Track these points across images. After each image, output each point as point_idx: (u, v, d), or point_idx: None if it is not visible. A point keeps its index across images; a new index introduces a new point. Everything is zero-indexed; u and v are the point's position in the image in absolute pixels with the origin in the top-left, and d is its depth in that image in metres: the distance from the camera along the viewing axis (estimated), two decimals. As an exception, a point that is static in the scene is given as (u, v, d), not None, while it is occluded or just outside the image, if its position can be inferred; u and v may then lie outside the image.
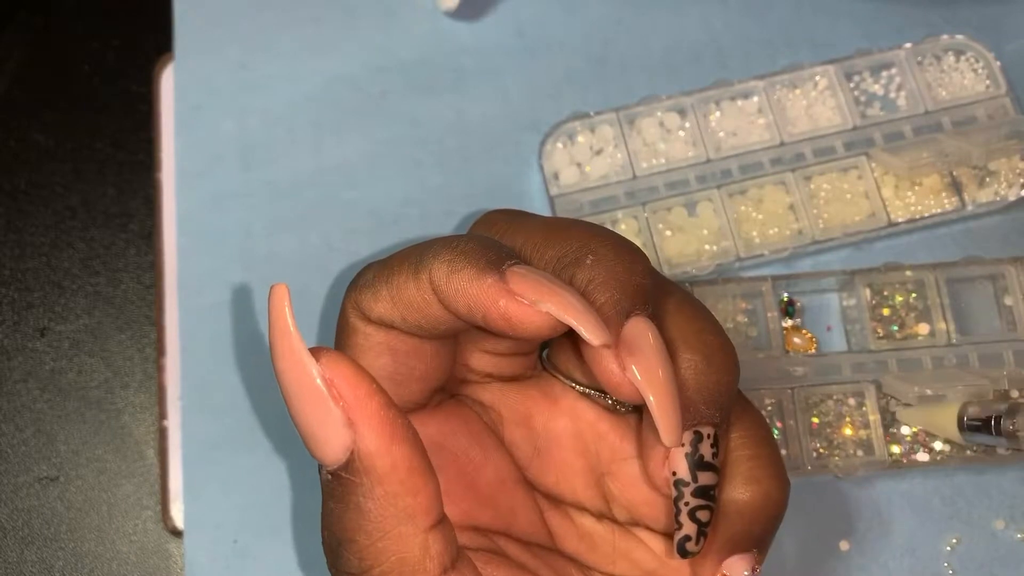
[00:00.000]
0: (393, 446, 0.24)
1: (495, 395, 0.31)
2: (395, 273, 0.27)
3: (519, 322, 0.25)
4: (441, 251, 0.26)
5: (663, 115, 0.41)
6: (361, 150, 0.42)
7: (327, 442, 0.24)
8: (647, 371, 0.26)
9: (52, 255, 0.41)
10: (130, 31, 0.43)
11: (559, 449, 0.31)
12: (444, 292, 0.26)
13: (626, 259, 0.27)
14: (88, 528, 0.39)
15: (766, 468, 0.29)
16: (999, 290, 0.40)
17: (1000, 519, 0.39)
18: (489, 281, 0.25)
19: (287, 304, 0.24)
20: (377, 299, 0.27)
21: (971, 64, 0.42)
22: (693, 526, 0.27)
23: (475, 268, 0.25)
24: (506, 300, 0.25)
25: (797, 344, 0.39)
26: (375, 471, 0.24)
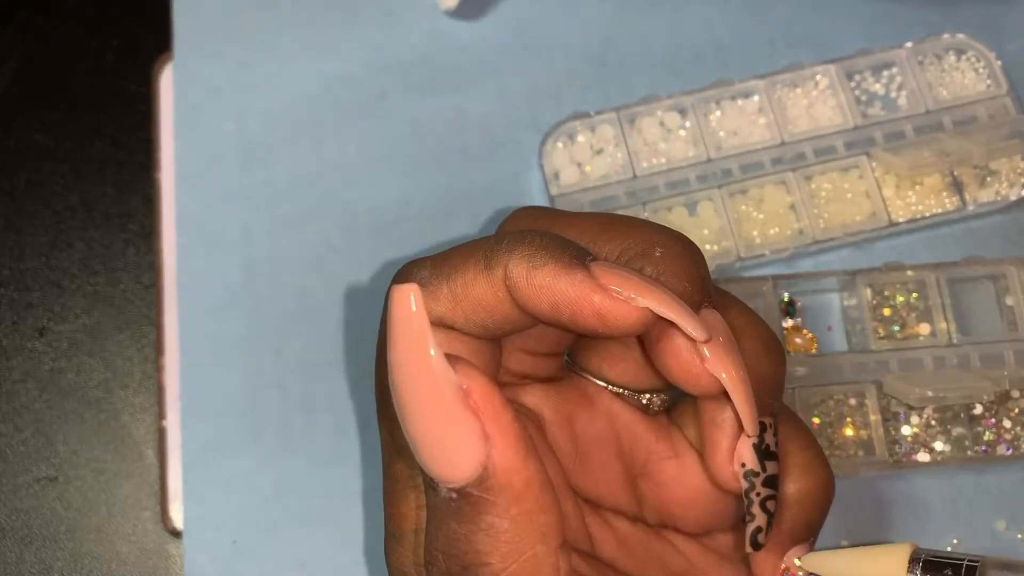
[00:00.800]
0: (528, 461, 0.23)
1: (538, 397, 0.30)
2: (459, 270, 0.25)
3: (614, 319, 0.24)
4: (517, 246, 0.25)
5: (663, 115, 0.41)
6: (361, 150, 0.42)
7: (459, 457, 0.22)
8: (727, 362, 0.25)
9: (51, 255, 0.41)
10: (130, 31, 0.43)
11: (598, 452, 0.30)
12: (524, 289, 0.25)
13: (690, 252, 0.26)
14: (87, 528, 0.39)
15: (818, 456, 0.29)
16: (1000, 290, 0.40)
17: (1001, 519, 0.39)
18: (579, 276, 0.24)
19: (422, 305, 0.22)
20: (437, 298, 0.26)
21: (972, 63, 0.42)
22: (764, 516, 0.27)
23: (559, 263, 0.24)
24: (601, 296, 0.24)
25: (798, 344, 0.39)
26: (512, 488, 0.23)
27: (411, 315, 0.22)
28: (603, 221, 0.28)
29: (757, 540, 0.28)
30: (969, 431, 0.38)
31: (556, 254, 0.25)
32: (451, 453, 0.22)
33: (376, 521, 0.38)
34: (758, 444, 0.27)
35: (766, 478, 0.27)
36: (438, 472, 0.23)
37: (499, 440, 0.22)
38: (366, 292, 0.40)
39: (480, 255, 0.25)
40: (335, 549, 0.38)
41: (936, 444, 0.38)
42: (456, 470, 0.22)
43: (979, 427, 0.38)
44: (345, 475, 0.39)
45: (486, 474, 0.22)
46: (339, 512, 0.38)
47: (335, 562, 0.38)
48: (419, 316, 0.22)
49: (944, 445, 0.38)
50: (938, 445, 0.38)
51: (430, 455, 0.23)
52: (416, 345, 0.22)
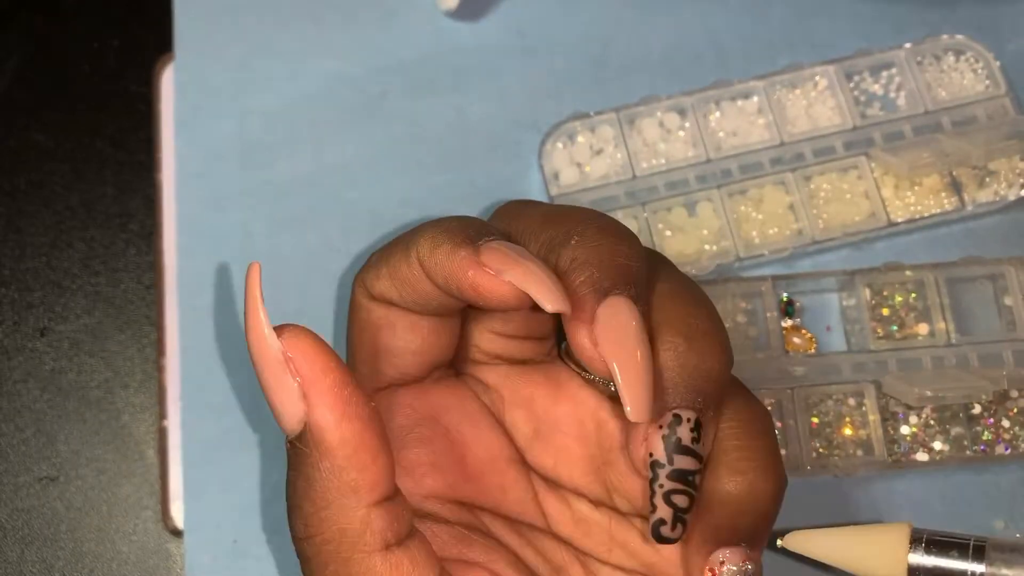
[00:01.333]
0: (344, 422, 0.25)
1: (499, 377, 0.32)
2: (392, 253, 0.29)
3: (486, 291, 0.26)
4: (428, 229, 0.28)
5: (663, 115, 0.41)
6: (361, 150, 0.42)
7: (284, 412, 0.26)
8: (616, 344, 0.26)
9: (52, 255, 0.41)
10: (130, 31, 0.43)
11: (559, 434, 0.32)
12: (427, 266, 0.28)
13: (610, 240, 0.28)
14: (88, 528, 0.39)
15: (754, 460, 0.29)
16: (999, 290, 0.40)
17: (1000, 519, 0.39)
18: (462, 254, 0.27)
19: (259, 282, 0.26)
20: (378, 277, 0.30)
21: (971, 64, 0.42)
22: (668, 510, 0.27)
23: (452, 243, 0.27)
24: (475, 271, 0.26)
25: (797, 344, 0.39)
26: (324, 444, 0.25)
27: (253, 290, 0.26)
28: (546, 213, 0.30)
29: (659, 532, 0.28)
30: (968, 431, 0.38)
31: (452, 235, 0.27)
32: (279, 409, 0.26)
33: (376, 520, 0.38)
34: (668, 436, 0.27)
35: (673, 471, 0.27)
36: (279, 424, 0.26)
37: (314, 400, 0.25)
38: (366, 292, 0.40)
39: (406, 238, 0.29)
40: (335, 548, 0.38)
41: (935, 444, 0.38)
42: (284, 424, 0.26)
43: (978, 427, 0.38)
44: (345, 475, 0.39)
45: (305, 429, 0.25)
46: (339, 512, 0.38)
47: (335, 561, 0.38)
48: (253, 288, 0.26)
49: (943, 445, 0.38)
50: (937, 445, 0.38)
51: (273, 409, 0.26)
52: (251, 313, 0.26)
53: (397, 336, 0.30)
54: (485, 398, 0.33)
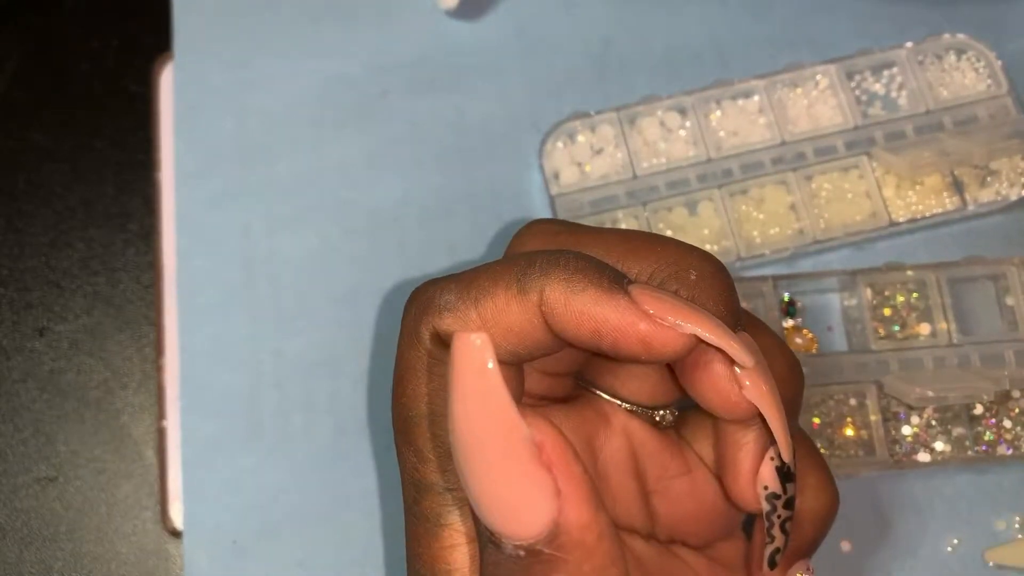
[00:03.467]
0: (599, 514, 0.21)
1: (558, 419, 0.29)
2: (488, 295, 0.25)
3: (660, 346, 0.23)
4: (552, 269, 0.24)
5: (664, 114, 0.41)
6: (361, 150, 0.42)
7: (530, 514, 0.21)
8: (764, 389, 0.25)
9: (51, 255, 0.41)
10: (130, 31, 0.43)
11: (616, 471, 0.29)
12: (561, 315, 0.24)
13: (723, 275, 0.26)
14: (87, 528, 0.39)
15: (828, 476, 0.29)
16: (1000, 290, 0.39)
17: (1001, 520, 0.39)
18: (623, 303, 0.23)
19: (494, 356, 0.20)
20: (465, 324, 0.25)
21: (972, 63, 0.42)
22: (783, 538, 0.27)
23: (599, 288, 0.24)
24: (647, 324, 0.23)
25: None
26: (585, 545, 0.21)
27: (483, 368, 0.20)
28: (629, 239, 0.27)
29: (775, 560, 0.28)
30: (969, 431, 0.38)
31: (595, 278, 0.24)
32: (522, 510, 0.21)
33: (376, 521, 0.38)
34: (780, 467, 0.27)
35: (786, 500, 0.27)
36: (506, 529, 0.21)
37: (572, 496, 0.21)
38: (366, 292, 0.40)
39: (511, 278, 0.24)
40: (335, 549, 0.38)
41: (936, 444, 0.38)
42: (526, 527, 0.21)
43: (979, 427, 0.38)
44: (345, 475, 0.39)
45: (558, 531, 0.21)
46: (339, 512, 0.38)
47: (335, 562, 0.38)
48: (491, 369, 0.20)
49: (944, 445, 0.38)
50: (938, 445, 0.38)
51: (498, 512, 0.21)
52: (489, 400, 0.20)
53: None
54: None
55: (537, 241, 0.28)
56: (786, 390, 0.27)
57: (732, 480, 0.28)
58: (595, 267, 0.24)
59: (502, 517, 0.21)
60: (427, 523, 0.26)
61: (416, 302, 0.26)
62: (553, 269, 0.24)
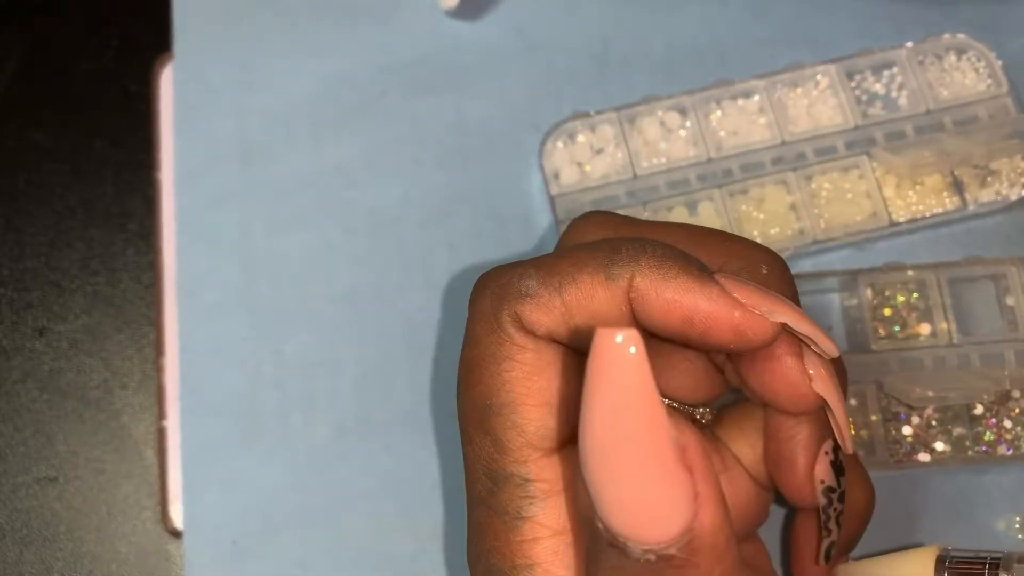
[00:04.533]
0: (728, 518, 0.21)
1: None
2: (574, 281, 0.24)
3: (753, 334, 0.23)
4: (641, 255, 0.24)
5: (664, 114, 0.41)
6: (361, 150, 0.42)
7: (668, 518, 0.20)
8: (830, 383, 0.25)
9: (51, 255, 0.41)
10: (130, 31, 0.43)
11: None
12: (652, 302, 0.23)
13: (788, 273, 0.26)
14: (87, 529, 0.39)
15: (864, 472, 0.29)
16: (1001, 290, 0.39)
17: (1001, 520, 0.39)
18: (715, 291, 0.23)
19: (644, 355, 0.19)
20: (549, 310, 0.24)
21: (972, 63, 0.42)
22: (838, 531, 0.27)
23: (690, 276, 0.23)
24: (741, 312, 0.23)
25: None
26: (717, 549, 0.21)
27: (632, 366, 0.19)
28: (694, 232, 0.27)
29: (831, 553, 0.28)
30: (970, 431, 0.38)
31: (685, 266, 0.24)
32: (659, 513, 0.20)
33: (376, 521, 0.38)
34: (834, 461, 0.27)
35: (840, 493, 0.27)
36: (639, 533, 0.20)
37: (709, 499, 0.20)
38: (366, 292, 0.40)
39: (598, 264, 0.24)
40: (335, 549, 0.38)
41: (936, 444, 0.38)
42: (661, 531, 0.20)
43: (980, 427, 0.38)
44: (345, 475, 0.39)
45: (692, 534, 0.20)
46: (339, 512, 0.38)
47: (335, 562, 0.38)
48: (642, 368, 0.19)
49: (944, 445, 0.38)
50: (938, 445, 0.38)
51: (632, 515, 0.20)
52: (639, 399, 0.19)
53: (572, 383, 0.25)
54: None
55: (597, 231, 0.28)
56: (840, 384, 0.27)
57: (788, 475, 0.28)
58: (683, 255, 0.24)
59: (636, 520, 0.20)
60: (505, 516, 0.26)
61: (491, 287, 0.26)
62: (642, 256, 0.24)
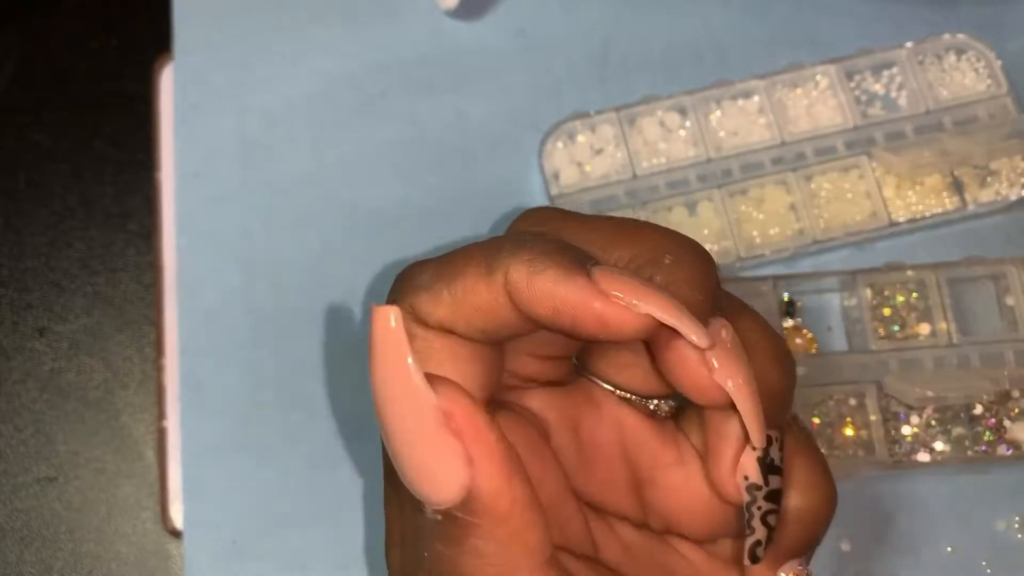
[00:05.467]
0: (513, 482, 0.22)
1: (543, 402, 0.29)
2: (460, 275, 0.25)
3: (616, 324, 0.24)
4: (517, 251, 0.25)
5: (663, 115, 0.41)
6: (361, 150, 0.42)
7: (442, 480, 0.22)
8: (735, 373, 0.25)
9: (51, 255, 0.41)
10: (130, 31, 0.43)
11: (603, 458, 0.30)
12: (524, 294, 0.24)
13: (702, 260, 0.26)
14: (87, 528, 0.39)
15: (823, 473, 0.29)
16: (1001, 290, 0.40)
17: (1001, 520, 0.39)
18: (580, 283, 0.24)
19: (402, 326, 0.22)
20: (438, 303, 0.25)
21: (972, 63, 0.42)
22: (764, 530, 0.27)
23: (560, 268, 0.24)
24: (602, 303, 0.24)
25: (798, 344, 0.39)
26: (497, 510, 0.22)
27: (391, 336, 0.22)
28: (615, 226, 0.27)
29: (756, 554, 0.27)
30: (969, 431, 0.38)
31: (557, 259, 0.24)
32: (434, 476, 0.22)
33: (376, 521, 0.38)
34: (762, 457, 0.27)
35: (768, 492, 0.27)
36: (422, 494, 0.23)
37: (483, 463, 0.22)
38: (366, 292, 0.40)
39: (481, 259, 0.25)
40: (335, 549, 0.38)
41: (936, 444, 0.38)
42: (440, 493, 0.22)
43: (979, 427, 0.38)
44: (345, 475, 0.39)
45: (470, 497, 0.22)
46: (339, 512, 0.38)
47: (335, 562, 0.38)
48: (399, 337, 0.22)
49: (944, 445, 0.38)
50: (938, 445, 0.38)
51: (414, 477, 0.22)
52: (396, 367, 0.22)
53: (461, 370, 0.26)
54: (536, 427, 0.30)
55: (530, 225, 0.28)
56: (769, 380, 0.27)
57: (714, 468, 0.28)
58: (559, 248, 0.25)
59: (419, 482, 0.22)
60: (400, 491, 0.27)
61: (398, 282, 0.27)
62: (519, 250, 0.25)
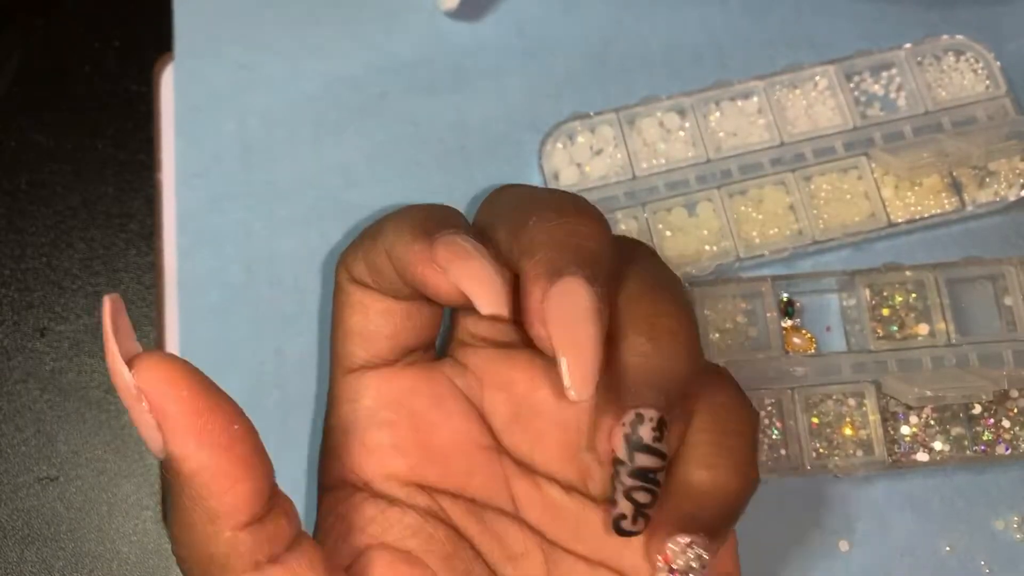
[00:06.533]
0: (200, 451, 0.25)
1: (481, 360, 0.33)
2: (367, 237, 0.30)
3: (433, 288, 0.27)
4: (395, 217, 0.29)
5: (663, 115, 0.41)
6: (361, 150, 0.42)
7: (147, 442, 0.26)
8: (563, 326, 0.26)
9: (52, 255, 0.41)
10: (130, 31, 0.43)
11: (538, 418, 0.32)
12: (391, 256, 0.28)
13: (570, 220, 0.27)
14: (88, 528, 0.39)
15: (723, 456, 0.29)
16: (999, 290, 0.40)
17: (1000, 519, 0.39)
18: (416, 247, 0.27)
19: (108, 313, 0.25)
20: (356, 260, 0.31)
21: (971, 64, 0.42)
22: (629, 506, 0.27)
23: (411, 234, 0.28)
24: (423, 266, 0.27)
25: (797, 344, 0.39)
26: (181, 473, 0.25)
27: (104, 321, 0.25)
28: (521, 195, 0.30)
29: (620, 526, 0.27)
30: (968, 431, 0.38)
31: (412, 226, 0.28)
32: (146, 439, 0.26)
33: (376, 521, 0.38)
34: (630, 434, 0.27)
35: (634, 470, 0.27)
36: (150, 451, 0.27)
37: (167, 431, 0.25)
38: (366, 292, 0.40)
39: (379, 228, 0.29)
40: (335, 549, 0.38)
41: (935, 444, 0.38)
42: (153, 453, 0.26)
43: (978, 427, 0.38)
44: (345, 475, 0.39)
45: (167, 457, 0.25)
46: (339, 512, 0.38)
47: (335, 562, 0.38)
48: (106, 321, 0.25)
49: (943, 445, 0.38)
50: (937, 445, 0.38)
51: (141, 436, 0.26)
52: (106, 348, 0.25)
53: (370, 319, 0.31)
54: (461, 381, 0.33)
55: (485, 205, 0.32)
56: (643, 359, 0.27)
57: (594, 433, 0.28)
58: (423, 217, 0.28)
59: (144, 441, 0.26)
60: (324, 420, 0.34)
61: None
62: (396, 216, 0.29)
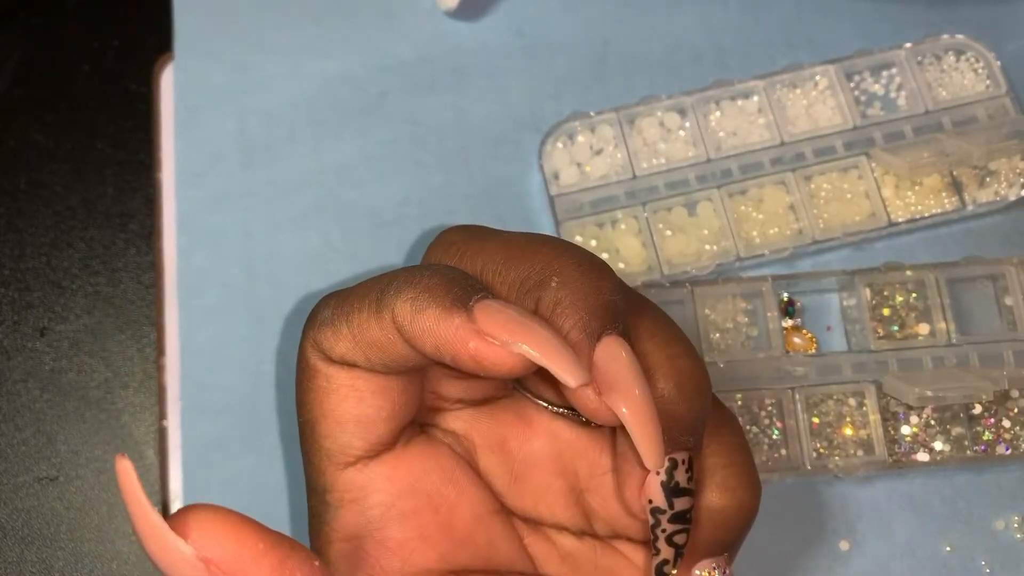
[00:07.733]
0: None
1: (467, 422, 0.30)
2: (355, 311, 0.26)
3: (491, 364, 0.24)
4: (403, 288, 0.25)
5: (663, 115, 0.41)
6: (361, 150, 0.42)
7: None
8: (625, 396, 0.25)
9: (52, 255, 0.41)
10: (130, 31, 0.43)
11: (537, 471, 0.30)
12: (409, 332, 0.25)
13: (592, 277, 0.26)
14: (88, 528, 0.39)
15: (740, 476, 0.28)
16: (999, 290, 0.40)
17: (1000, 519, 0.39)
18: (457, 322, 0.24)
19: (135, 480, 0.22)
20: (338, 338, 0.26)
21: (971, 64, 0.42)
22: (671, 551, 0.27)
23: (440, 307, 0.24)
24: (476, 342, 0.24)
25: (797, 344, 0.39)
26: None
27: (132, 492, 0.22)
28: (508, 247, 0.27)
29: (664, 571, 0.27)
30: (968, 431, 0.38)
31: (438, 296, 0.25)
32: None
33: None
34: (666, 481, 0.27)
35: (674, 515, 0.27)
36: None
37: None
38: (366, 292, 0.40)
39: (373, 296, 0.26)
40: (335, 549, 0.38)
41: (935, 444, 0.38)
42: None
43: (978, 427, 0.38)
44: (345, 475, 0.39)
45: None
46: (339, 512, 0.38)
47: (335, 562, 0.38)
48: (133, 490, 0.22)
49: (943, 445, 0.38)
50: (937, 445, 0.38)
51: None
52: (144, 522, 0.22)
53: (366, 403, 0.27)
54: (458, 448, 0.30)
55: (437, 251, 0.29)
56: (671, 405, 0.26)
57: (622, 488, 0.28)
58: (443, 284, 0.25)
59: None
60: (314, 519, 0.29)
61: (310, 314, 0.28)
62: (405, 288, 0.25)
